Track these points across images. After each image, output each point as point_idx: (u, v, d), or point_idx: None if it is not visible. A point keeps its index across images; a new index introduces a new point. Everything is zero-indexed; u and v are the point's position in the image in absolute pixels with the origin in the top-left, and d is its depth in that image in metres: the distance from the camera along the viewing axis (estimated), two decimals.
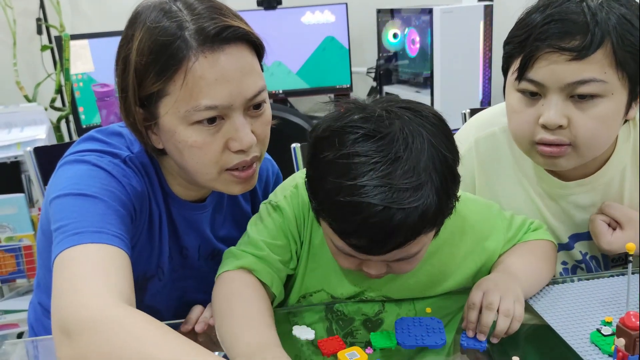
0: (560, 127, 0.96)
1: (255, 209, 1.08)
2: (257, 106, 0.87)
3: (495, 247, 1.00)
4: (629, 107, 0.98)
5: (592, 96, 0.94)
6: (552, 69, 0.93)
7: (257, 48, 0.88)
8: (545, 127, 0.97)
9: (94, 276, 0.74)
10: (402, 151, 0.77)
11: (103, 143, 0.91)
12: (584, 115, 0.95)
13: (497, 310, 0.85)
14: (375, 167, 0.76)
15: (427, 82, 2.63)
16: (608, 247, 1.05)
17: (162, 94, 0.83)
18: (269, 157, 1.14)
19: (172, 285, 1.03)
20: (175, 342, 0.69)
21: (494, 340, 0.85)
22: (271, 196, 0.99)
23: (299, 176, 0.99)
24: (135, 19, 0.85)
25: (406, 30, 2.75)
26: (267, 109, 0.90)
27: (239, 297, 0.86)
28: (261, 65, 0.90)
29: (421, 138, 0.79)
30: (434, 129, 0.81)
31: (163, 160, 0.94)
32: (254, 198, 1.11)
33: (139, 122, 0.86)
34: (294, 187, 0.97)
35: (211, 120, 0.83)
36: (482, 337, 0.85)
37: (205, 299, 0.94)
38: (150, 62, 0.81)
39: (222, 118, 0.84)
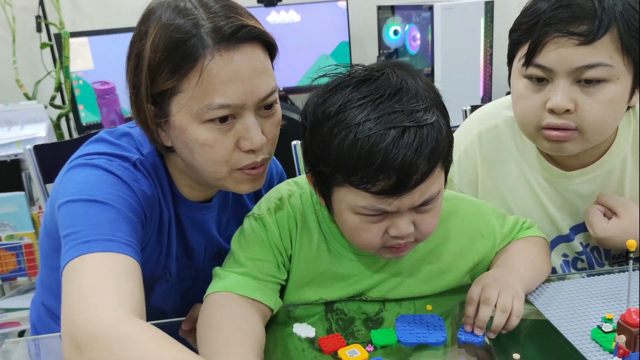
0: (567, 111, 0.98)
1: None
2: (269, 106, 0.87)
3: (492, 245, 1.00)
4: (632, 92, 1.00)
5: (598, 81, 0.96)
6: (560, 53, 0.95)
7: (270, 48, 0.88)
8: (552, 111, 0.99)
9: (105, 287, 0.73)
10: (401, 83, 0.81)
11: (112, 145, 0.90)
12: (591, 100, 0.97)
13: (495, 306, 0.85)
14: (380, 102, 0.79)
15: (428, 79, 2.63)
16: (603, 234, 1.05)
17: (175, 91, 0.82)
18: (273, 157, 1.13)
19: (178, 287, 1.03)
20: (190, 359, 0.69)
21: (491, 335, 0.85)
22: (255, 208, 0.97)
23: (284, 188, 0.98)
24: (149, 15, 0.85)
25: (407, 26, 2.74)
26: (278, 110, 0.90)
27: (216, 322, 0.84)
28: (272, 66, 0.89)
29: (412, 76, 0.83)
30: (422, 74, 0.86)
31: (171, 159, 0.94)
32: (259, 198, 1.10)
33: (150, 119, 0.86)
34: (278, 200, 0.96)
35: (223, 119, 0.83)
36: (479, 332, 0.85)
37: None
38: (164, 58, 0.81)
39: (233, 117, 0.84)
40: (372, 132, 0.77)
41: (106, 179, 0.84)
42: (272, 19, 2.74)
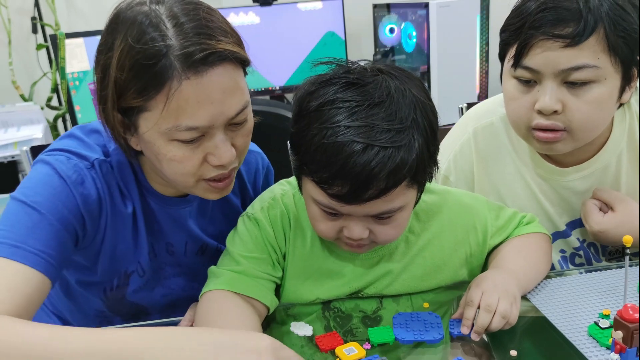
0: (555, 112, 0.98)
1: (245, 203, 1.08)
2: (238, 122, 0.87)
3: (483, 237, 1.01)
4: (622, 91, 1.00)
5: (586, 82, 0.96)
6: (547, 55, 0.96)
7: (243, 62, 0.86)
8: (541, 112, 0.99)
9: None
10: (385, 96, 0.80)
11: (79, 141, 0.91)
12: (578, 100, 0.97)
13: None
14: (357, 110, 0.79)
15: (424, 77, 2.63)
16: (598, 228, 1.05)
17: (143, 109, 0.81)
18: (259, 150, 1.14)
19: (158, 283, 1.03)
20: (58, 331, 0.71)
21: (474, 337, 0.84)
22: (249, 208, 0.98)
23: (278, 188, 0.99)
24: (115, 24, 0.82)
25: (403, 24, 2.74)
26: (249, 121, 0.89)
27: (213, 319, 0.85)
28: (245, 71, 0.88)
29: (404, 89, 0.82)
30: (417, 86, 0.84)
31: (141, 159, 0.94)
32: (244, 192, 1.11)
33: (118, 127, 0.85)
34: (271, 199, 0.97)
35: (191, 139, 0.83)
36: (475, 337, 0.84)
37: (195, 295, 0.94)
38: (130, 78, 0.79)
39: (202, 135, 0.83)
40: (338, 140, 0.78)
41: (49, 182, 0.85)
42: (268, 18, 2.73)
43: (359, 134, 0.77)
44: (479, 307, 0.85)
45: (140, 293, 1.01)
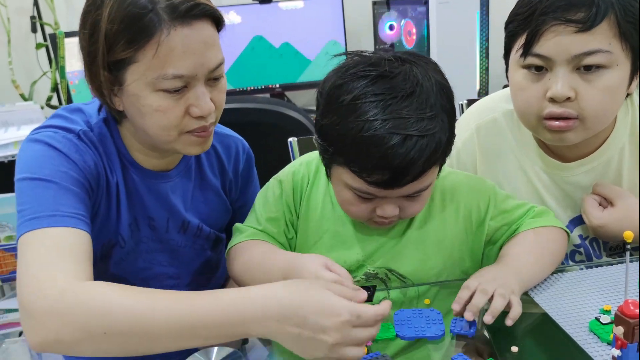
0: (568, 99, 0.98)
1: (224, 185, 1.13)
2: (216, 77, 0.93)
3: (486, 217, 1.02)
4: (631, 79, 1.01)
5: (597, 67, 0.96)
6: (559, 41, 0.95)
7: (217, 23, 0.93)
8: (553, 100, 0.99)
9: (49, 261, 0.78)
10: (416, 86, 0.85)
11: (64, 119, 0.96)
12: (591, 87, 0.97)
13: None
14: (391, 103, 0.83)
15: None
16: (597, 222, 1.05)
17: (131, 61, 0.87)
18: (239, 136, 1.18)
19: (139, 256, 1.05)
20: (144, 292, 0.75)
21: (488, 320, 0.82)
22: (280, 172, 1.07)
23: (306, 156, 1.08)
24: None
25: (402, 21, 2.74)
26: (223, 80, 0.97)
27: (256, 252, 0.96)
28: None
29: (428, 76, 0.87)
30: (435, 69, 0.90)
31: (124, 126, 0.98)
32: (223, 174, 1.14)
33: (105, 85, 0.90)
34: (299, 164, 1.06)
35: (176, 88, 0.89)
36: (469, 316, 0.83)
37: (176, 273, 0.96)
38: (121, 30, 0.85)
39: (185, 86, 0.90)
40: (376, 133, 0.82)
41: (48, 155, 0.90)
42: (269, 16, 2.73)
43: (395, 126, 0.82)
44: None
45: (122, 265, 1.03)
